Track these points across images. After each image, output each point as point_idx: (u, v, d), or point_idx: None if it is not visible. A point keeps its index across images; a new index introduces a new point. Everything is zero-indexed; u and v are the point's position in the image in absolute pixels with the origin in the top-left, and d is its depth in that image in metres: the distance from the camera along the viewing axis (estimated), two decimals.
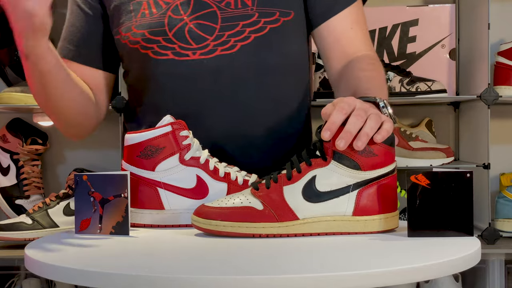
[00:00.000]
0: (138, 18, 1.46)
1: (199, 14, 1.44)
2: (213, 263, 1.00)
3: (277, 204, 1.14)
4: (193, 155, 1.28)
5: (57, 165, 2.61)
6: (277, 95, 1.48)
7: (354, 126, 1.12)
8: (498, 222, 2.33)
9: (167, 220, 1.27)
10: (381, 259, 1.01)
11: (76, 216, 1.22)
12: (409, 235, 1.12)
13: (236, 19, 1.44)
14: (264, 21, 1.45)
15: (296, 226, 1.15)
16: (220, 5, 1.45)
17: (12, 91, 2.29)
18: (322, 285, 0.89)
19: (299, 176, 1.15)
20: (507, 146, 2.57)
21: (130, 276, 0.90)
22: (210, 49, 1.44)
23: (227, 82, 1.45)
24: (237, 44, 1.44)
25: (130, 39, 1.47)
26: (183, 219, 1.27)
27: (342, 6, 1.51)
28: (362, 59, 1.47)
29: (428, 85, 2.31)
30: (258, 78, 1.46)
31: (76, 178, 1.21)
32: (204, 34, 1.44)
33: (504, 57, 2.39)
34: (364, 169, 1.15)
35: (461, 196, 1.12)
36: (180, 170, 1.27)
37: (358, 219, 1.16)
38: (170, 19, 1.45)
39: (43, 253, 1.07)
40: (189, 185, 1.28)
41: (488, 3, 2.23)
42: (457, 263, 1.00)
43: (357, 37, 1.51)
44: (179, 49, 1.44)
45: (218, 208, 1.15)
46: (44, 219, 2.08)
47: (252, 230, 1.13)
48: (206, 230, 1.16)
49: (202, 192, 1.27)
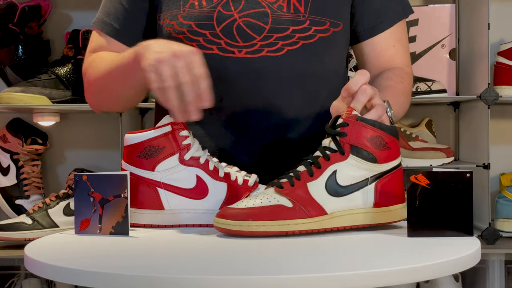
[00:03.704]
0: (186, 8, 1.45)
1: (250, 12, 1.44)
2: (213, 263, 1.00)
3: (305, 200, 1.15)
4: (193, 155, 1.28)
5: (57, 165, 2.61)
6: (316, 102, 1.49)
7: None
8: (498, 222, 2.33)
9: (167, 220, 1.27)
10: (381, 259, 1.01)
11: (76, 216, 1.22)
12: (409, 235, 1.13)
13: (287, 23, 1.44)
14: (315, 29, 1.45)
15: (326, 221, 1.16)
16: (273, 7, 1.44)
17: (12, 91, 2.29)
18: (322, 285, 0.89)
19: (320, 172, 1.17)
20: (507, 146, 2.57)
21: (130, 276, 0.91)
22: (256, 48, 1.43)
23: (269, 84, 1.45)
24: (284, 47, 1.44)
25: (174, 27, 1.46)
26: (183, 219, 1.27)
27: (388, 25, 1.53)
28: (393, 71, 1.50)
29: (428, 85, 2.31)
30: (300, 84, 1.46)
31: (76, 178, 1.21)
32: (252, 33, 1.43)
33: (504, 57, 2.39)
34: (380, 162, 1.18)
35: (461, 196, 1.12)
36: (180, 170, 1.27)
37: (379, 211, 1.19)
38: (219, 14, 1.44)
39: (43, 253, 1.07)
40: (189, 185, 1.27)
41: (488, 3, 2.23)
42: (457, 263, 1.00)
43: (397, 54, 1.54)
44: (225, 45, 1.44)
45: (247, 208, 1.14)
46: (44, 219, 2.09)
47: (285, 227, 1.13)
48: (237, 232, 1.14)
49: (202, 192, 1.27)
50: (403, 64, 1.54)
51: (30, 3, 2.41)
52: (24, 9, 2.38)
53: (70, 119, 2.58)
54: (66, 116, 2.56)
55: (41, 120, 2.46)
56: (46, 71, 2.36)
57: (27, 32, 2.41)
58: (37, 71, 2.37)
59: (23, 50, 2.41)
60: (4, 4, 2.38)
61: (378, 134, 1.18)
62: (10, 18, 2.37)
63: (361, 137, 1.17)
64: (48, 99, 2.30)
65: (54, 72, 2.35)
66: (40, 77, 2.34)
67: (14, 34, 2.39)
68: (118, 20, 1.53)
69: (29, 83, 2.32)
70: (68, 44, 2.41)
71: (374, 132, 1.18)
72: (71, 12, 2.58)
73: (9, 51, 2.40)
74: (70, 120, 2.58)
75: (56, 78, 2.34)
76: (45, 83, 2.33)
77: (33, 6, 2.42)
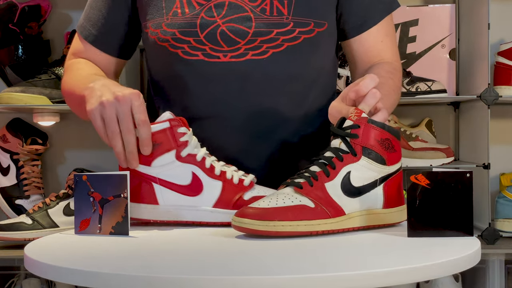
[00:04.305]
0: (169, 16, 1.46)
1: (233, 17, 1.44)
2: (213, 263, 1.00)
3: (325, 201, 1.16)
4: (190, 152, 1.27)
5: (57, 165, 2.61)
6: (304, 102, 1.49)
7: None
8: (498, 222, 2.33)
9: (161, 216, 1.27)
10: (381, 259, 1.01)
11: (75, 216, 1.22)
12: (409, 235, 1.13)
13: (270, 26, 1.44)
14: (299, 31, 1.45)
15: (345, 221, 1.18)
16: (255, 10, 1.44)
17: (12, 91, 2.29)
18: (322, 285, 0.89)
19: (335, 173, 1.18)
20: (507, 146, 2.57)
21: (130, 276, 0.91)
22: (241, 52, 1.44)
23: (256, 87, 1.45)
24: (269, 50, 1.44)
25: (159, 36, 1.46)
26: (177, 215, 1.27)
27: (375, 20, 1.53)
28: (382, 66, 1.50)
29: (428, 85, 2.31)
30: (287, 86, 1.47)
31: (76, 178, 1.21)
32: (236, 38, 1.43)
33: (504, 57, 2.39)
34: (388, 164, 1.20)
35: (461, 196, 1.12)
36: (176, 166, 1.27)
37: (387, 212, 1.22)
38: (202, 20, 1.44)
39: (43, 253, 1.07)
40: (184, 182, 1.27)
41: (488, 3, 2.23)
42: (457, 263, 1.00)
43: (385, 49, 1.54)
44: (209, 50, 1.44)
45: (271, 208, 1.13)
46: (44, 219, 2.08)
47: (309, 228, 1.14)
48: (262, 232, 1.12)
49: (196, 189, 1.27)
50: (392, 58, 1.54)
51: (30, 3, 2.41)
52: (24, 9, 2.38)
53: (70, 119, 2.57)
54: (66, 116, 2.56)
55: (41, 120, 2.46)
56: (46, 71, 2.36)
57: (27, 32, 2.41)
58: (37, 71, 2.37)
59: (23, 50, 2.41)
60: (4, 4, 2.38)
61: (387, 136, 1.20)
62: (10, 18, 2.37)
63: (372, 139, 1.19)
64: (48, 99, 2.30)
65: (54, 72, 2.35)
66: (40, 77, 2.34)
67: (14, 34, 2.39)
68: (97, 27, 1.55)
69: (29, 83, 2.32)
70: (68, 44, 2.41)
71: (384, 134, 1.20)
72: (71, 12, 2.58)
73: (9, 51, 2.40)
74: (70, 120, 2.58)
75: (56, 78, 2.34)
76: (45, 83, 2.33)
77: (33, 6, 2.42)
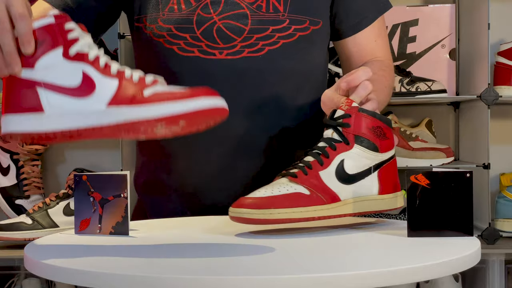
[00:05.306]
0: (165, 12, 1.46)
1: (229, 14, 1.44)
2: (214, 263, 1.00)
3: (320, 188, 1.19)
4: (80, 50, 1.09)
5: (57, 165, 2.61)
6: (298, 96, 1.50)
7: None
8: (498, 222, 2.33)
9: (48, 125, 1.07)
10: (381, 259, 1.01)
11: (75, 216, 1.22)
12: (409, 235, 1.13)
13: (266, 23, 1.44)
14: (295, 28, 1.46)
15: (341, 207, 1.20)
16: (252, 7, 1.45)
17: None
18: (322, 285, 0.89)
19: (329, 161, 1.21)
20: (507, 146, 2.57)
21: (130, 276, 0.90)
22: (237, 49, 1.44)
23: (252, 84, 1.45)
24: (265, 47, 1.45)
25: (154, 31, 1.46)
26: (67, 121, 1.07)
27: (369, 21, 1.55)
28: (375, 64, 1.51)
29: (428, 85, 2.31)
30: (282, 82, 1.47)
31: (76, 178, 1.21)
32: (232, 35, 1.44)
33: (504, 57, 2.39)
34: (381, 151, 1.23)
35: (461, 196, 1.12)
36: (64, 66, 1.08)
37: (383, 198, 1.24)
38: (199, 17, 1.44)
39: (43, 253, 1.07)
40: (73, 83, 1.07)
41: (488, 3, 2.23)
42: (457, 263, 1.00)
43: (378, 48, 1.57)
44: (205, 47, 1.44)
45: (266, 197, 1.16)
46: (44, 219, 2.08)
47: (305, 214, 1.16)
48: (260, 221, 1.15)
49: (87, 90, 1.07)
50: (385, 57, 1.57)
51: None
52: None
53: None
54: None
55: None
56: None
57: None
58: None
59: None
60: None
61: (378, 124, 1.23)
62: None
63: (364, 127, 1.22)
64: None
65: None
66: None
67: None
68: (74, 2, 1.48)
69: None
70: None
71: (375, 122, 1.22)
72: None
73: None
74: None
75: None
76: None
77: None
